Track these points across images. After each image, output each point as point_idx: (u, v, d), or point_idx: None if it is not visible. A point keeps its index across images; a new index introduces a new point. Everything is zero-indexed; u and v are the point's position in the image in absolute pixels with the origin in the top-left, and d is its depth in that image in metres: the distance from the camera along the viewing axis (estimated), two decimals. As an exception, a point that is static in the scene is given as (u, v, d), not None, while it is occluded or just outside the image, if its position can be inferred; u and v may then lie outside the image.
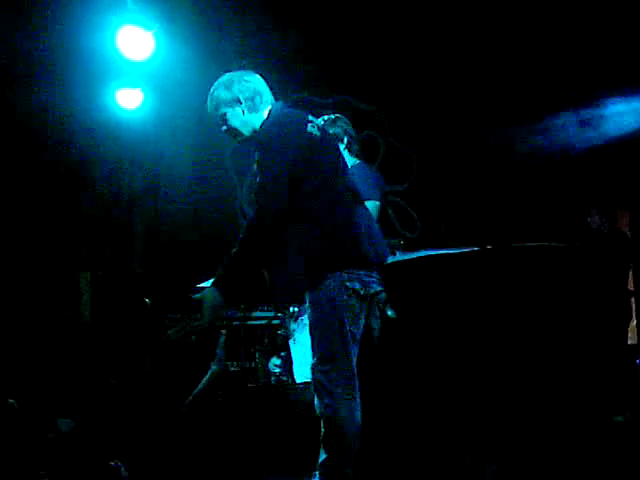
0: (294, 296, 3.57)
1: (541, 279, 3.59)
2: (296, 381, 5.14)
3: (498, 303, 3.63)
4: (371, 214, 3.81)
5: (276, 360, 5.79)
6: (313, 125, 3.42)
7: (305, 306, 3.41)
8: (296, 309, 5.02)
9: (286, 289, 3.54)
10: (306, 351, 3.96)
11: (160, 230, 7.92)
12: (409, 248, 5.04)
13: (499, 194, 8.01)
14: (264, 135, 3.38)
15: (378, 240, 3.48)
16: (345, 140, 4.79)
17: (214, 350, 5.51)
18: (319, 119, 4.66)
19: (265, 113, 3.45)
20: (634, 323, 7.51)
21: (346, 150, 4.77)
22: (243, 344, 6.14)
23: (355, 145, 4.90)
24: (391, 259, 3.66)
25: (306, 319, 3.49)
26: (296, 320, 5.01)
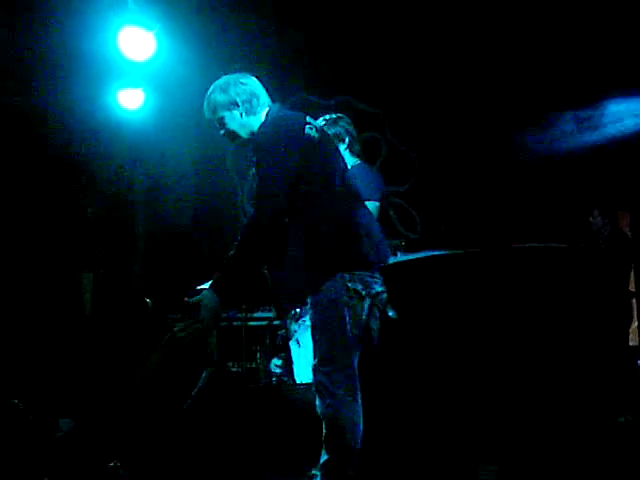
0: (295, 298, 3.56)
1: (542, 280, 3.59)
2: (296, 382, 5.14)
3: (499, 304, 3.63)
4: (372, 214, 3.81)
5: (277, 360, 5.79)
6: (311, 127, 3.41)
7: (307, 307, 3.41)
8: (297, 310, 5.02)
9: (287, 291, 3.54)
10: (307, 352, 3.97)
11: (161, 230, 7.93)
12: (411, 249, 5.05)
13: (500, 195, 8.00)
14: (262, 137, 3.38)
15: (379, 241, 3.48)
16: (347, 140, 4.78)
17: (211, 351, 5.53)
18: (320, 119, 4.68)
19: (263, 115, 3.44)
20: (635, 324, 7.49)
21: (347, 150, 4.77)
22: (244, 344, 6.15)
23: (356, 145, 4.90)
24: (392, 260, 3.66)
25: (308, 320, 3.49)
26: (297, 321, 5.01)
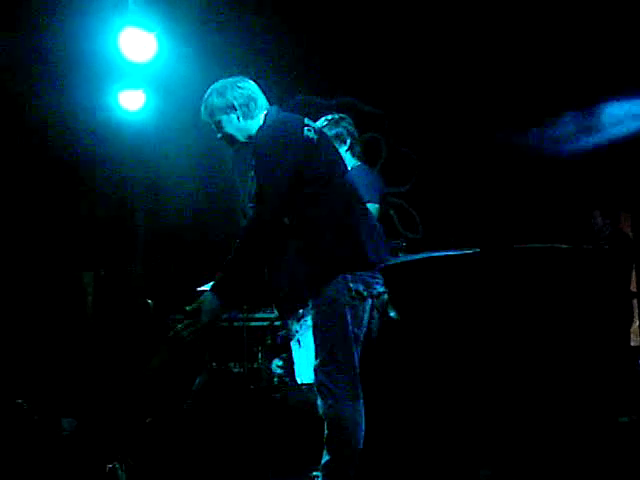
0: (297, 299, 3.57)
1: (543, 281, 3.59)
2: (297, 382, 5.14)
3: (499, 304, 3.63)
4: (372, 215, 3.81)
5: (279, 361, 5.79)
6: (309, 128, 3.40)
7: (308, 308, 3.41)
8: (299, 310, 5.02)
9: (288, 293, 3.54)
10: (309, 353, 3.97)
11: (162, 231, 7.93)
12: (411, 250, 5.04)
13: (501, 195, 8.01)
14: (260, 141, 3.37)
15: (379, 241, 3.48)
16: (348, 141, 4.75)
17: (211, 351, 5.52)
18: (322, 119, 4.68)
19: (260, 118, 3.44)
20: (637, 324, 7.50)
21: (348, 152, 4.74)
22: (246, 345, 6.15)
23: (357, 147, 4.87)
24: (393, 260, 3.66)
25: (309, 320, 3.49)
26: (299, 321, 5.00)
